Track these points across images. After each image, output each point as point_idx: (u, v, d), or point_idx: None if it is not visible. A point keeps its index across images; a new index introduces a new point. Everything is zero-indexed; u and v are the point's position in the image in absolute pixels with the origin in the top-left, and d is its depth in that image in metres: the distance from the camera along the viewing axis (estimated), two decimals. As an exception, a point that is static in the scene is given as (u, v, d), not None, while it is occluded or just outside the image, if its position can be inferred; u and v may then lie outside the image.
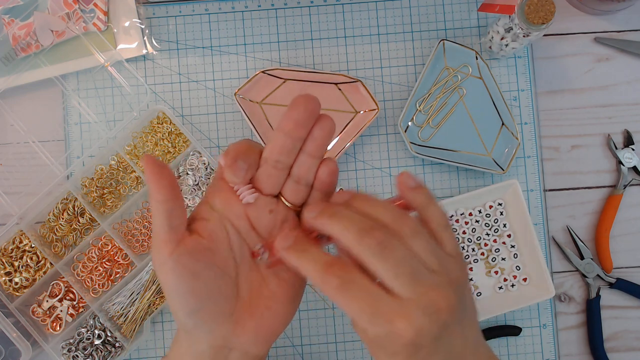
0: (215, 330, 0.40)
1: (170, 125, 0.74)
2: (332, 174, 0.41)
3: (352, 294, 0.35)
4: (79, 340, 0.72)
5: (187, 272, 0.38)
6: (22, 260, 0.72)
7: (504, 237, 0.74)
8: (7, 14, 0.73)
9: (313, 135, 0.40)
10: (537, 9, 0.64)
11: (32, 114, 0.76)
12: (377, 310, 0.35)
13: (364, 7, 0.76)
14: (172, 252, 0.38)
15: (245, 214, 0.41)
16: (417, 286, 0.35)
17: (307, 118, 0.39)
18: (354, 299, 0.35)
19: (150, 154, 0.37)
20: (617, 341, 0.75)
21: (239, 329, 0.41)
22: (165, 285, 0.39)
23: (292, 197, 0.41)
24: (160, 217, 0.38)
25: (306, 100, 0.39)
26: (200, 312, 0.39)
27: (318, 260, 0.37)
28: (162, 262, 0.38)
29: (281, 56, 0.76)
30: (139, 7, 0.76)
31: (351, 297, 0.35)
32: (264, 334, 0.42)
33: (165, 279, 0.39)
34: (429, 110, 0.74)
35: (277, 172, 0.40)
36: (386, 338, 0.35)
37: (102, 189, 0.73)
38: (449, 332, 0.36)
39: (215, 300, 0.40)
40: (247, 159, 0.39)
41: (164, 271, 0.38)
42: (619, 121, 0.76)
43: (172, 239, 0.38)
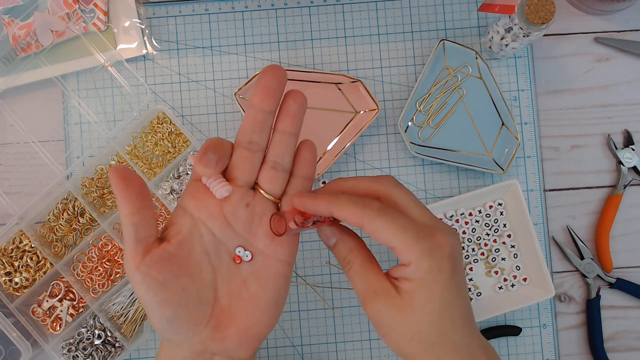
0: (193, 337, 0.40)
1: (170, 125, 0.74)
2: (312, 152, 0.41)
3: (393, 214, 0.38)
4: (79, 340, 0.72)
5: (155, 283, 0.38)
6: (22, 260, 0.72)
7: (504, 237, 0.74)
8: (7, 14, 0.73)
9: (285, 109, 0.39)
10: (537, 9, 0.64)
11: (32, 114, 0.76)
12: (417, 228, 0.38)
13: (364, 7, 0.76)
14: (138, 264, 0.38)
15: (220, 212, 0.40)
16: (431, 214, 0.40)
17: (275, 86, 0.38)
18: (397, 219, 0.38)
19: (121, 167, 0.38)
20: (617, 341, 0.75)
21: (218, 334, 0.40)
22: (138, 296, 0.39)
23: (270, 185, 0.40)
24: (126, 229, 0.38)
25: (273, 69, 0.38)
26: (176, 320, 0.39)
27: (351, 196, 0.39)
28: (131, 274, 0.38)
29: (281, 56, 0.76)
30: (139, 7, 0.76)
31: (394, 216, 0.38)
32: (248, 338, 0.41)
33: (137, 291, 0.38)
34: (429, 110, 0.74)
35: (251, 154, 0.39)
36: (432, 252, 0.37)
37: (102, 189, 0.73)
38: (462, 262, 0.41)
39: (190, 307, 0.39)
40: (217, 150, 0.38)
41: (134, 283, 0.38)
42: (619, 121, 0.76)
43: (139, 252, 0.38)
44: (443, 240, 0.38)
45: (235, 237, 0.41)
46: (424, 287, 0.37)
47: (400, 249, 0.37)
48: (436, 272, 0.37)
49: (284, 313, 0.74)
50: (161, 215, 0.74)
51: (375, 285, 0.39)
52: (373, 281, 0.39)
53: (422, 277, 0.37)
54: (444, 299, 0.38)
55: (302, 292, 0.75)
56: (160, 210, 0.74)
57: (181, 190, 0.72)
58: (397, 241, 0.37)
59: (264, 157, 0.40)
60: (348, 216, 0.38)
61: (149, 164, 0.74)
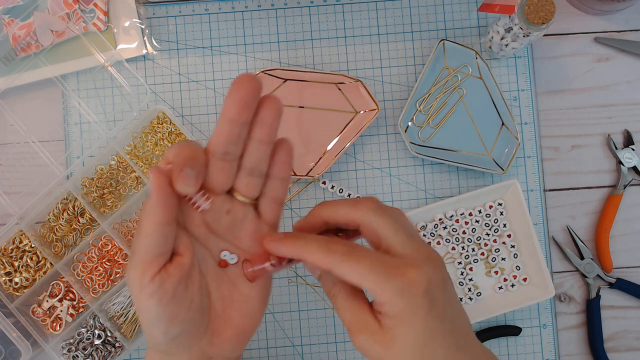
0: (193, 346, 0.39)
1: (170, 125, 0.74)
2: (289, 153, 0.39)
3: (360, 256, 0.36)
4: (79, 340, 0.72)
5: (167, 297, 0.36)
6: (22, 260, 0.72)
7: (504, 237, 0.74)
8: (7, 14, 0.73)
9: (261, 119, 0.37)
10: (537, 9, 0.64)
11: (32, 114, 0.76)
12: (387, 266, 0.36)
13: (364, 7, 0.76)
14: (153, 277, 0.36)
15: (202, 220, 0.39)
16: (414, 241, 0.38)
17: (250, 98, 0.36)
18: (363, 259, 0.36)
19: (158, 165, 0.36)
20: (617, 341, 0.75)
21: (216, 339, 0.40)
22: (143, 310, 0.37)
23: (247, 191, 0.39)
24: (151, 240, 0.36)
25: (248, 79, 0.35)
26: (181, 335, 0.38)
27: (319, 239, 0.38)
28: (141, 287, 0.36)
29: (281, 56, 0.76)
30: (139, 7, 0.76)
31: (360, 258, 0.36)
32: (242, 337, 0.41)
33: (145, 304, 0.36)
34: (429, 110, 0.74)
35: (227, 164, 0.37)
36: (403, 293, 0.36)
37: (102, 189, 0.73)
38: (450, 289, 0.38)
39: (195, 320, 0.39)
40: (194, 165, 0.36)
41: (143, 296, 0.36)
42: (619, 121, 0.76)
43: (157, 264, 0.36)
44: (416, 276, 0.36)
45: (219, 242, 0.40)
46: (402, 324, 0.36)
47: (371, 291, 0.36)
48: (411, 311, 0.36)
49: (284, 313, 0.74)
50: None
51: (360, 319, 0.38)
52: (357, 314, 0.38)
53: (398, 315, 0.36)
54: (424, 334, 0.36)
55: (302, 292, 0.75)
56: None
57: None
58: (367, 283, 0.36)
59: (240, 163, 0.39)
60: (315, 262, 0.37)
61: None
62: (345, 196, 0.75)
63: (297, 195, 0.75)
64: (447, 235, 0.74)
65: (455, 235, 0.74)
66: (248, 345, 0.74)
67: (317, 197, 0.75)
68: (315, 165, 0.74)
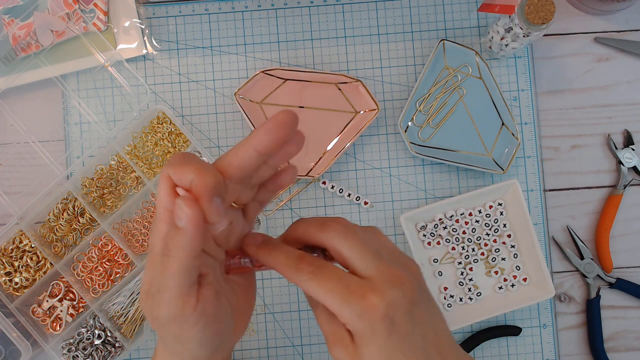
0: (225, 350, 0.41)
1: (170, 125, 0.74)
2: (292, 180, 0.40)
3: (324, 277, 0.36)
4: (79, 340, 0.72)
5: (211, 319, 0.37)
6: (22, 260, 0.72)
7: (504, 237, 0.74)
8: (7, 14, 0.73)
9: (285, 151, 0.37)
10: (537, 9, 0.64)
11: (32, 114, 0.76)
12: (349, 289, 0.36)
13: (364, 7, 0.76)
14: (195, 306, 0.35)
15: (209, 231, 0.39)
16: (380, 264, 0.37)
17: (287, 138, 0.35)
18: (326, 281, 0.36)
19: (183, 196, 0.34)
20: (617, 341, 0.75)
21: (237, 335, 0.42)
22: (190, 339, 0.36)
23: (244, 200, 0.39)
24: (185, 273, 0.34)
25: (290, 120, 0.35)
26: (221, 345, 0.39)
27: (290, 254, 0.38)
28: (184, 319, 0.35)
29: (281, 56, 0.76)
30: (139, 7, 0.76)
31: (324, 279, 0.36)
32: (246, 322, 0.43)
33: (192, 333, 0.36)
34: (429, 110, 0.74)
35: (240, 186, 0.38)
36: (362, 316, 0.36)
37: (102, 189, 0.73)
38: (419, 311, 0.37)
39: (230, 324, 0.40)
40: (221, 192, 0.34)
41: (187, 327, 0.36)
42: (619, 121, 0.76)
43: (194, 293, 0.35)
44: (375, 300, 0.35)
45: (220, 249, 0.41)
46: (365, 344, 0.37)
47: (333, 311, 0.37)
48: (369, 335, 0.36)
49: (284, 313, 0.74)
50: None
51: (336, 331, 0.38)
52: (334, 326, 0.39)
53: (360, 336, 0.36)
54: (388, 354, 0.36)
55: (302, 292, 0.75)
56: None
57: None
58: (329, 304, 0.36)
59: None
60: (284, 274, 0.38)
61: (149, 164, 0.74)
62: (345, 196, 0.75)
63: (297, 195, 0.75)
64: (447, 235, 0.74)
65: (455, 235, 0.74)
66: (248, 345, 0.74)
67: (317, 197, 0.75)
68: (315, 165, 0.74)
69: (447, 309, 0.73)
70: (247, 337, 0.74)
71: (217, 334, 0.38)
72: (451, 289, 0.74)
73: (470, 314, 0.72)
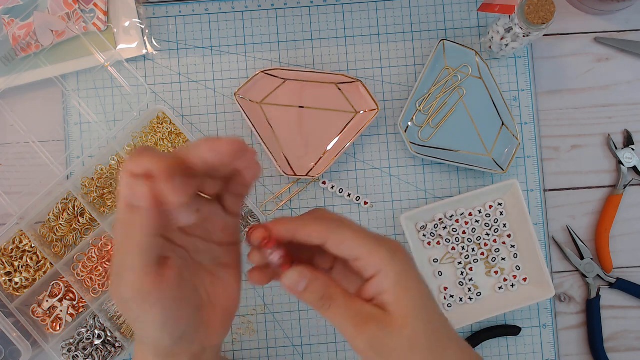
0: (195, 341, 0.40)
1: (170, 125, 0.74)
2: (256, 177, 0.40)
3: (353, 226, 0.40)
4: (79, 340, 0.72)
5: (170, 301, 0.36)
6: (22, 260, 0.72)
7: (504, 237, 0.74)
8: (7, 14, 0.73)
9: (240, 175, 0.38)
10: (537, 9, 0.64)
11: (32, 114, 0.76)
12: (375, 236, 0.39)
13: (364, 7, 0.76)
14: (153, 286, 0.35)
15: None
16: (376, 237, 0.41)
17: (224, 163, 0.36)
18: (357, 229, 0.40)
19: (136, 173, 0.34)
20: (617, 341, 0.75)
21: (210, 328, 0.41)
22: (149, 322, 0.36)
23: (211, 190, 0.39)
24: (143, 252, 0.35)
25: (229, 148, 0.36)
26: (185, 334, 0.38)
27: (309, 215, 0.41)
28: (144, 299, 0.35)
29: (281, 56, 0.76)
30: (139, 7, 0.76)
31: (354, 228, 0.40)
32: (227, 321, 0.42)
33: (151, 314, 0.36)
34: (429, 110, 0.74)
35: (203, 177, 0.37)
36: (395, 255, 0.39)
37: (102, 189, 0.73)
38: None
39: (194, 315, 0.39)
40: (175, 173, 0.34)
41: (147, 307, 0.36)
42: (619, 121, 0.76)
43: (154, 273, 0.35)
44: (396, 244, 0.40)
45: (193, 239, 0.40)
46: (403, 290, 0.38)
47: (366, 258, 0.38)
48: (406, 271, 0.39)
49: (284, 313, 0.74)
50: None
51: (364, 312, 0.39)
52: (361, 308, 0.39)
53: (396, 282, 0.38)
54: (422, 292, 0.39)
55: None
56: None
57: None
58: (362, 250, 0.38)
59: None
60: (311, 232, 0.38)
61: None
62: (345, 196, 0.75)
63: (297, 195, 0.75)
64: (447, 235, 0.74)
65: (455, 235, 0.74)
66: (248, 345, 0.74)
67: (317, 197, 0.75)
68: (315, 165, 0.74)
69: (447, 309, 0.73)
70: (247, 337, 0.74)
71: (179, 320, 0.37)
72: (451, 289, 0.74)
73: (470, 314, 0.72)
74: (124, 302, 0.36)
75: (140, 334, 0.39)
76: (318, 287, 0.40)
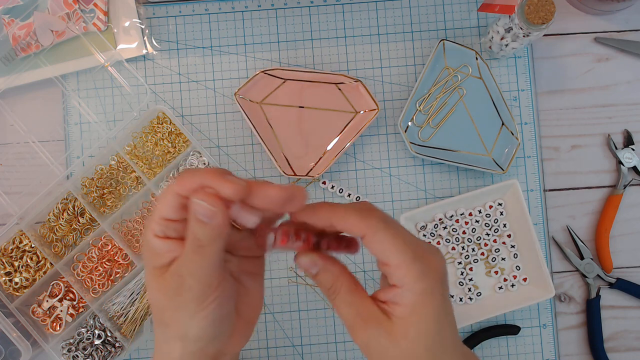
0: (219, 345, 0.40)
1: (170, 125, 0.74)
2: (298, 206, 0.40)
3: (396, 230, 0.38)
4: (79, 340, 0.72)
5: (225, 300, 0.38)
6: (22, 260, 0.72)
7: (504, 237, 0.74)
8: (7, 14, 0.73)
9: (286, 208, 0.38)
10: (537, 9, 0.64)
11: (32, 114, 0.76)
12: (415, 247, 0.38)
13: (364, 7, 0.76)
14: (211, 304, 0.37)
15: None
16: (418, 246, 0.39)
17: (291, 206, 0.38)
18: (399, 235, 0.38)
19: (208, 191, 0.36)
20: (617, 341, 0.75)
21: (234, 335, 0.41)
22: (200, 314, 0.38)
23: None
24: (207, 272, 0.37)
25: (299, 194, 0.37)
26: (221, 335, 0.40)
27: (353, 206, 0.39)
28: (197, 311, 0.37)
29: (281, 56, 0.76)
30: (139, 7, 0.76)
31: (396, 233, 0.38)
32: (249, 329, 0.42)
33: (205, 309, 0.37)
34: (429, 110, 0.74)
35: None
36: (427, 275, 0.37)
37: (102, 189, 0.73)
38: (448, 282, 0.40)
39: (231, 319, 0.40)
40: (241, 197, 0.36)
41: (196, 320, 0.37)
42: (619, 121, 0.76)
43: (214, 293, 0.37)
44: (436, 263, 0.38)
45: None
46: (417, 311, 0.37)
47: (396, 268, 0.37)
48: (429, 295, 0.37)
49: (284, 313, 0.74)
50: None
51: (364, 312, 0.39)
52: (362, 308, 0.39)
53: (415, 301, 0.37)
54: (437, 323, 0.37)
55: (302, 292, 0.75)
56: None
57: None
58: (395, 259, 0.37)
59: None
60: (350, 227, 0.38)
61: (149, 164, 0.74)
62: (345, 196, 0.75)
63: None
64: (447, 235, 0.74)
65: (455, 235, 0.74)
66: (248, 345, 0.74)
67: (317, 197, 0.75)
68: (315, 165, 0.74)
69: (447, 309, 0.73)
70: (247, 337, 0.74)
71: (222, 321, 0.39)
72: (451, 289, 0.74)
73: (470, 314, 0.72)
74: (172, 312, 0.38)
75: (179, 331, 0.39)
76: (326, 278, 0.40)
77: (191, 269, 0.37)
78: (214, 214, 0.35)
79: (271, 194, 0.36)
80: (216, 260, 0.37)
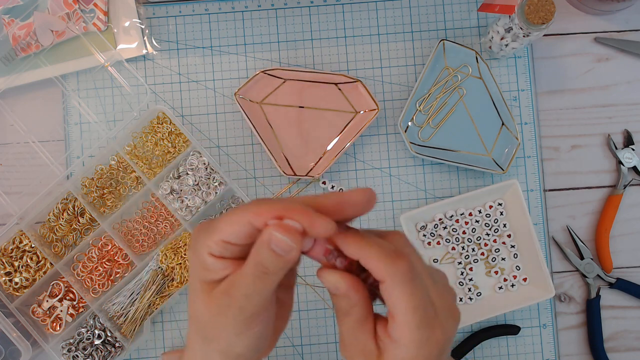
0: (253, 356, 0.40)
1: (170, 125, 0.74)
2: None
3: (414, 290, 0.36)
4: (79, 340, 0.72)
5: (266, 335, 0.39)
6: (22, 260, 0.72)
7: (504, 237, 0.74)
8: (7, 14, 0.73)
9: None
10: (537, 9, 0.64)
11: (32, 114, 0.76)
12: (427, 314, 0.37)
13: (364, 7, 0.76)
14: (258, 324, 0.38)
15: None
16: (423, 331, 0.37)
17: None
18: (415, 296, 0.36)
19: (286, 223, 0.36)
20: (617, 341, 0.75)
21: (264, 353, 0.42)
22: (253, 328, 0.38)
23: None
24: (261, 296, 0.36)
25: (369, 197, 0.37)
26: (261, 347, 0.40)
27: (382, 249, 0.37)
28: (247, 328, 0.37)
29: (281, 56, 0.76)
30: (139, 7, 0.76)
31: (413, 293, 0.36)
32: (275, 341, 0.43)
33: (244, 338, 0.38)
34: (429, 110, 0.74)
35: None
36: (425, 345, 0.36)
37: (102, 189, 0.73)
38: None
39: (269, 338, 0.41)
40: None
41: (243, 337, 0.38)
42: (619, 121, 0.76)
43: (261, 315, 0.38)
44: (441, 335, 0.37)
45: None
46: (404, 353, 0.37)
47: (398, 324, 0.36)
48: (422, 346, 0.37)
49: (284, 313, 0.74)
50: (161, 215, 0.74)
51: (361, 346, 0.38)
52: (361, 341, 0.39)
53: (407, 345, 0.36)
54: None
55: (302, 292, 0.75)
56: (160, 211, 0.74)
57: (181, 190, 0.72)
58: (401, 318, 0.36)
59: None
60: (373, 269, 0.37)
61: (149, 164, 0.74)
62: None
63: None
64: (447, 235, 0.74)
65: (455, 235, 0.74)
66: (248, 345, 0.74)
67: (317, 197, 0.75)
68: (315, 165, 0.74)
69: (447, 309, 0.73)
70: (247, 337, 0.74)
71: (268, 334, 0.39)
72: (451, 289, 0.74)
73: (470, 314, 0.72)
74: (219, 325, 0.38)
75: (223, 347, 0.39)
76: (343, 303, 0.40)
77: (248, 292, 0.36)
78: (292, 249, 0.35)
79: (356, 199, 0.36)
80: (275, 286, 0.37)
